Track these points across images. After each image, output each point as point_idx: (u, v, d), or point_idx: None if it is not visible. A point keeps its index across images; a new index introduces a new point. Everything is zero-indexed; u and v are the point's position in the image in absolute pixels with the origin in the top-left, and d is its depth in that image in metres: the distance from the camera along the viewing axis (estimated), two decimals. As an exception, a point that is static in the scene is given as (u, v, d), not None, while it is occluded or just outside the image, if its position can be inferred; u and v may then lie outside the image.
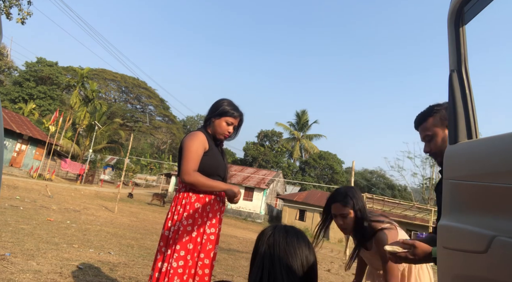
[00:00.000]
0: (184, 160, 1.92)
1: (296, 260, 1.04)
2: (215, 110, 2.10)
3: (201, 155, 1.95)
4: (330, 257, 11.33)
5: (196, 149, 1.93)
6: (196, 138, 1.97)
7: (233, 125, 2.10)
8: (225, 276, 4.61)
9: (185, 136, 2.06)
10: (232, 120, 2.08)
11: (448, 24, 1.25)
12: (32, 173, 20.49)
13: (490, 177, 0.95)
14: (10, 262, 3.26)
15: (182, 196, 1.98)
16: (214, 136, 2.10)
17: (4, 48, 38.10)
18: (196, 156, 1.92)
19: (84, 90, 34.28)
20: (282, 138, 46.01)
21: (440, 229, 1.15)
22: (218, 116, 2.07)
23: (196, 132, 2.02)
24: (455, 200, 1.13)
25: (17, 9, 11.56)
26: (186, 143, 1.95)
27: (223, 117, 2.07)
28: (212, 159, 2.02)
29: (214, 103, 2.15)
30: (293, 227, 1.14)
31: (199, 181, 1.90)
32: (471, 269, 0.96)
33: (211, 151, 2.03)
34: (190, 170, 1.89)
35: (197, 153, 1.93)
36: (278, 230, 1.12)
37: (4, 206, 7.45)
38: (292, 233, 1.10)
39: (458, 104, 1.17)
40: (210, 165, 2.00)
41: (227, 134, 2.10)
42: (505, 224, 0.85)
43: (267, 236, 1.11)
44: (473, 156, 1.06)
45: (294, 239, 1.08)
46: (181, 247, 1.86)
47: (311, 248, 1.10)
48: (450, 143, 1.20)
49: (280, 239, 1.08)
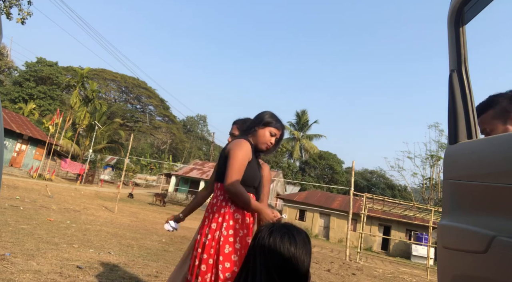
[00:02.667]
0: (230, 169, 1.91)
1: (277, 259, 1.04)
2: (260, 120, 2.12)
3: (245, 165, 1.96)
4: (330, 257, 11.33)
5: (242, 159, 1.94)
6: (244, 148, 1.97)
7: (276, 137, 2.12)
8: (225, 276, 4.61)
9: (231, 142, 2.05)
10: (275, 131, 2.10)
11: (448, 24, 1.25)
12: (32, 173, 20.48)
13: (490, 177, 0.95)
14: (10, 262, 3.26)
15: (221, 205, 1.97)
16: (256, 146, 2.11)
17: (4, 48, 38.11)
18: (242, 166, 1.93)
19: (84, 90, 34.29)
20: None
21: (440, 229, 1.15)
22: (262, 126, 2.10)
23: (244, 141, 2.01)
24: (455, 200, 1.13)
25: (17, 9, 11.57)
26: (234, 151, 1.94)
27: (267, 127, 2.09)
28: (252, 169, 2.01)
29: (258, 114, 2.19)
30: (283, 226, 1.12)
31: (241, 194, 1.89)
32: (471, 269, 0.96)
33: (252, 161, 2.03)
34: (236, 180, 1.90)
35: (243, 163, 1.94)
36: (265, 228, 1.12)
37: (4, 206, 7.45)
38: (277, 232, 1.09)
39: (458, 104, 1.17)
40: (249, 175, 1.99)
41: (269, 145, 2.10)
42: (505, 224, 0.85)
43: (255, 236, 1.13)
44: (473, 156, 1.06)
45: (277, 238, 1.07)
46: (224, 258, 1.82)
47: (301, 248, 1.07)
48: (450, 143, 1.20)
49: (264, 239, 1.08)
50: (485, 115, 1.46)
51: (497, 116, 1.42)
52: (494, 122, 1.43)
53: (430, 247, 13.43)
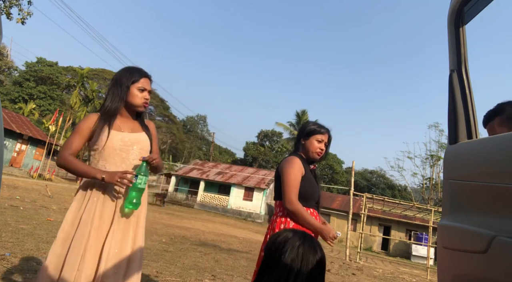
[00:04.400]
0: (285, 188, 1.97)
1: (307, 269, 1.05)
2: (303, 132, 2.17)
3: (299, 181, 1.99)
4: (330, 257, 11.33)
5: (295, 175, 1.98)
6: (294, 165, 2.01)
7: (324, 142, 2.13)
8: (225, 276, 4.61)
9: (282, 161, 2.10)
10: (321, 137, 2.12)
11: (448, 24, 1.25)
12: (32, 173, 20.48)
13: (490, 177, 0.95)
14: (10, 262, 3.26)
15: (280, 221, 2.01)
16: (308, 158, 2.14)
17: (4, 48, 38.10)
18: (296, 183, 1.98)
19: (84, 90, 34.28)
20: (282, 138, 46.01)
21: (440, 229, 1.15)
22: (307, 137, 2.14)
23: (293, 158, 2.06)
24: (455, 200, 1.13)
25: (17, 9, 11.57)
26: (285, 170, 2.00)
27: (312, 136, 2.12)
28: (309, 183, 2.04)
29: (300, 127, 2.25)
30: (309, 235, 1.15)
31: (300, 213, 1.93)
32: (471, 269, 0.96)
33: (307, 175, 2.05)
34: (293, 198, 1.94)
35: (297, 180, 1.98)
36: (308, 241, 1.11)
37: (4, 206, 7.45)
38: (320, 249, 1.11)
39: (458, 104, 1.17)
40: (306, 190, 2.02)
41: (320, 151, 2.11)
42: (505, 224, 0.85)
43: (296, 245, 1.09)
44: (473, 156, 1.06)
45: (323, 257, 1.09)
46: None
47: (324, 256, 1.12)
48: (450, 143, 1.20)
49: (310, 254, 1.08)
50: (492, 122, 1.50)
51: (503, 123, 1.46)
52: (500, 129, 1.46)
53: (430, 247, 13.43)
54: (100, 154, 1.77)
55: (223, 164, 35.88)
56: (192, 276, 4.23)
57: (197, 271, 4.58)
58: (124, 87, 1.82)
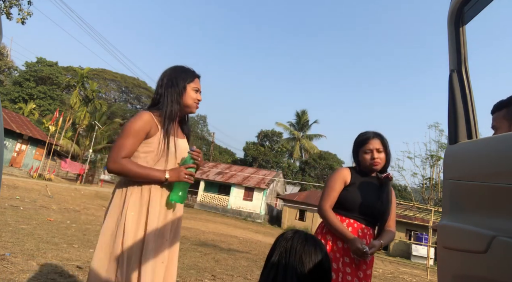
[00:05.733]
0: (321, 194, 2.02)
1: (310, 269, 1.05)
2: (354, 145, 2.08)
3: (336, 189, 1.97)
4: (330, 257, 11.32)
5: (332, 183, 1.98)
6: (334, 175, 2.01)
7: (373, 151, 1.96)
8: (225, 276, 4.61)
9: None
10: (369, 147, 1.97)
11: (448, 24, 1.25)
12: (32, 173, 20.48)
13: (490, 177, 0.95)
14: (10, 262, 3.26)
15: (321, 225, 2.04)
16: (366, 169, 2.02)
17: (4, 48, 38.08)
18: (331, 190, 1.99)
19: (84, 90, 34.28)
20: (282, 138, 45.99)
21: (440, 229, 1.15)
22: (357, 149, 2.05)
23: (338, 169, 2.06)
24: (455, 200, 1.13)
25: (17, 9, 11.55)
26: (327, 179, 2.04)
27: (361, 148, 2.01)
28: (354, 194, 1.95)
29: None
30: (312, 236, 1.15)
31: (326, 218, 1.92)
32: (471, 269, 0.96)
33: (356, 185, 1.97)
34: (322, 203, 1.95)
35: (332, 187, 1.98)
36: (297, 235, 1.12)
37: (4, 206, 7.45)
38: (311, 241, 1.11)
39: (458, 104, 1.17)
40: (348, 199, 1.95)
41: (373, 161, 1.95)
42: (505, 224, 0.85)
43: (286, 240, 1.11)
44: (473, 156, 1.06)
45: (312, 248, 1.09)
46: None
47: (328, 257, 1.12)
48: (450, 143, 1.20)
49: (298, 246, 1.08)
50: (499, 113, 1.50)
51: (507, 116, 1.45)
52: (503, 121, 1.46)
53: (430, 247, 13.42)
54: (154, 157, 1.63)
55: (223, 163, 35.88)
56: (192, 276, 4.23)
57: (197, 271, 4.58)
58: (181, 88, 1.69)
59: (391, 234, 1.96)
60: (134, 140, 1.58)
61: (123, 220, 1.51)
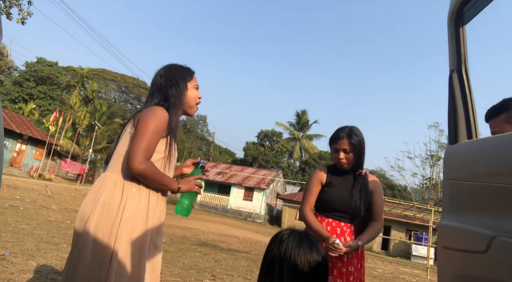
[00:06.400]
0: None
1: (306, 270, 1.05)
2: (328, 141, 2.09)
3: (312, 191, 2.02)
4: (330, 257, 11.31)
5: (309, 185, 2.03)
6: (311, 177, 2.06)
7: (339, 151, 1.96)
8: (225, 276, 4.61)
9: None
10: (336, 146, 1.97)
11: (448, 24, 1.26)
12: (32, 173, 20.48)
13: (490, 177, 0.95)
14: (10, 262, 3.26)
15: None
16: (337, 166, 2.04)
17: (4, 48, 38.08)
18: (309, 194, 2.03)
19: (84, 90, 34.30)
20: (282, 138, 46.01)
21: (440, 229, 1.15)
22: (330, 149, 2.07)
23: (315, 171, 2.09)
24: (455, 200, 1.13)
25: (17, 9, 11.56)
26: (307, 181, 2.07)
27: (331, 147, 2.04)
28: (331, 193, 1.98)
29: None
30: (307, 235, 1.15)
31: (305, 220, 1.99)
32: (471, 269, 0.96)
33: (332, 184, 1.99)
34: (302, 206, 2.01)
35: (310, 190, 2.03)
36: (293, 235, 1.12)
37: (4, 206, 7.45)
38: (306, 241, 1.10)
39: (458, 104, 1.17)
40: (326, 198, 1.98)
41: (339, 160, 1.96)
42: (505, 224, 0.85)
43: (281, 240, 1.11)
44: (473, 156, 1.06)
45: (307, 249, 1.08)
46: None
47: (324, 257, 1.11)
48: (450, 143, 1.20)
49: (293, 247, 1.08)
50: (497, 118, 1.46)
51: (509, 120, 1.42)
52: (506, 126, 1.43)
53: (430, 247, 13.43)
54: (163, 162, 1.50)
55: (223, 163, 35.88)
56: (192, 276, 4.23)
57: (197, 271, 4.58)
58: (182, 87, 1.55)
59: (373, 229, 1.95)
60: (157, 141, 1.42)
61: (118, 221, 1.34)
